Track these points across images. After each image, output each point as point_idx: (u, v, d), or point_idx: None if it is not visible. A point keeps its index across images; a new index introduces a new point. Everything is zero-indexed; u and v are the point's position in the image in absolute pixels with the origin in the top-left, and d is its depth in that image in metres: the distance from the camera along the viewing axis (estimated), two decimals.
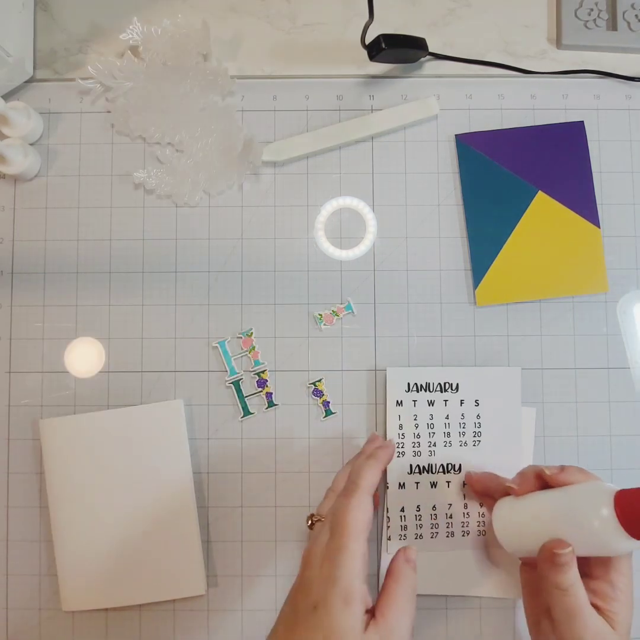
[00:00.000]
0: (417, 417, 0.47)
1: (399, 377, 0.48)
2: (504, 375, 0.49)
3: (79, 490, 0.48)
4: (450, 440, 0.48)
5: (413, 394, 0.48)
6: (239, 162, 0.52)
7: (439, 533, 0.47)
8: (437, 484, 0.47)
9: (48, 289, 0.52)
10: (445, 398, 0.48)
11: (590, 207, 0.51)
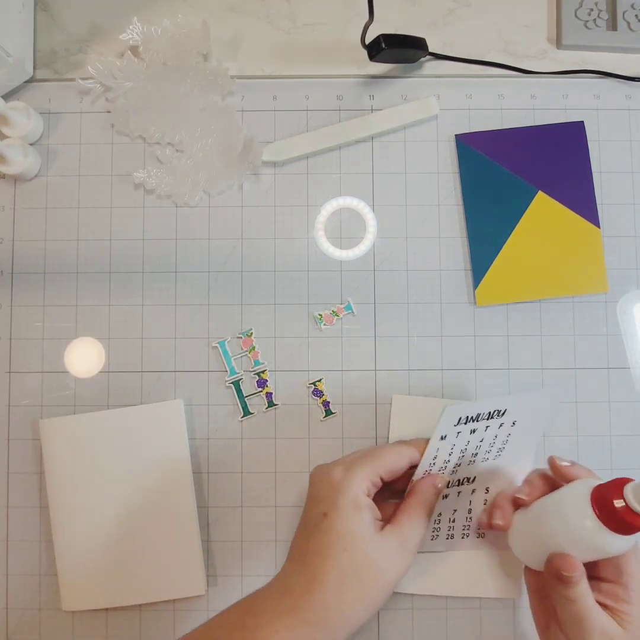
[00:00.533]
0: (454, 447, 0.43)
1: (455, 412, 0.41)
2: (542, 397, 0.46)
3: (79, 490, 0.48)
4: (475, 459, 0.45)
5: (460, 427, 0.42)
6: (239, 162, 0.52)
7: (439, 536, 0.46)
8: (448, 496, 0.45)
9: (48, 289, 0.52)
10: (489, 424, 0.43)
11: (590, 207, 0.51)
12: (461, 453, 0.44)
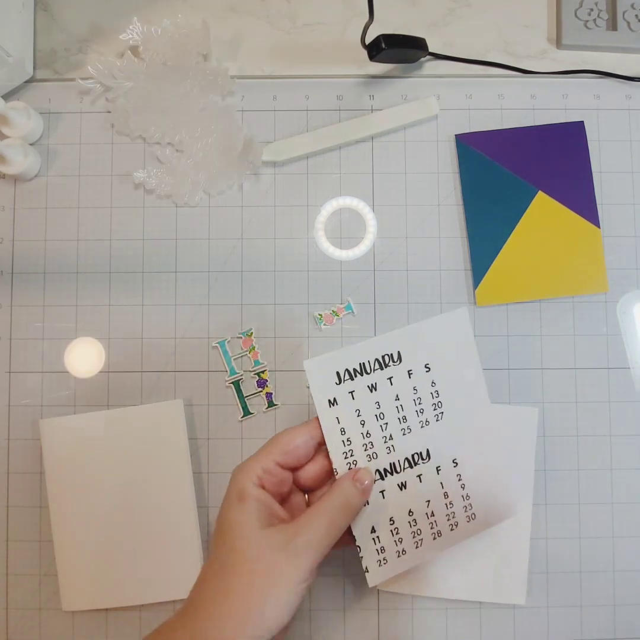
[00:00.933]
0: (360, 412, 0.37)
1: (322, 368, 0.37)
2: (450, 322, 0.40)
3: (79, 490, 0.48)
4: (409, 425, 0.39)
5: (347, 385, 0.37)
6: (239, 162, 0.52)
7: (423, 539, 0.40)
8: (406, 484, 0.39)
9: (48, 289, 0.52)
10: (389, 375, 0.38)
11: (590, 207, 0.51)
12: (379, 420, 0.38)
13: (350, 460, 0.38)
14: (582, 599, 0.49)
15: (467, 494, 0.41)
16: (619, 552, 0.49)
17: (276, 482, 0.37)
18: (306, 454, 0.38)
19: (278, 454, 0.36)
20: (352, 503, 0.36)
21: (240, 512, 0.35)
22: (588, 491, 0.50)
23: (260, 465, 0.36)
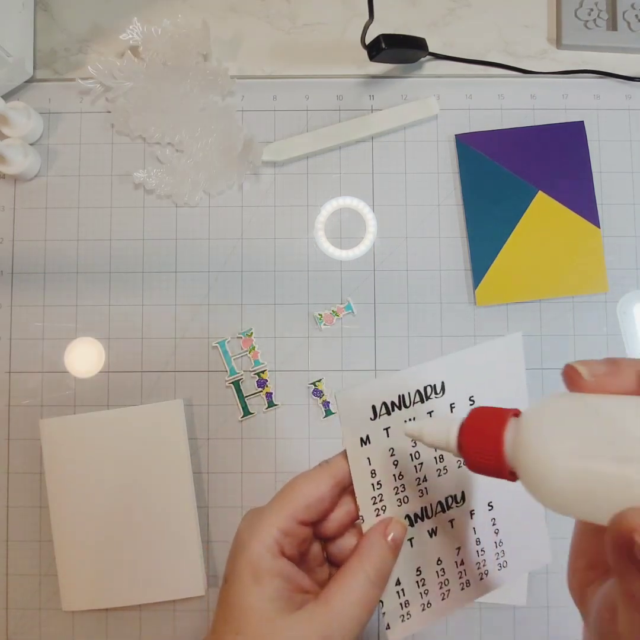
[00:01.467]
0: (394, 451, 0.32)
1: (357, 401, 0.32)
2: (501, 348, 0.34)
3: (79, 490, 0.48)
4: (445, 465, 0.34)
5: (384, 420, 0.32)
6: (239, 162, 0.52)
7: (450, 590, 0.35)
8: (437, 530, 0.34)
9: (48, 289, 0.52)
10: (429, 408, 0.33)
11: (590, 207, 0.51)
12: (414, 459, 0.33)
13: (379, 505, 0.32)
14: None
15: (501, 540, 0.36)
16: None
17: (297, 543, 0.30)
18: (331, 503, 0.31)
19: (300, 510, 0.29)
20: (387, 568, 0.30)
21: (258, 597, 0.28)
22: None
23: (277, 526, 0.29)
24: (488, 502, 0.35)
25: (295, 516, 0.29)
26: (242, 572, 0.28)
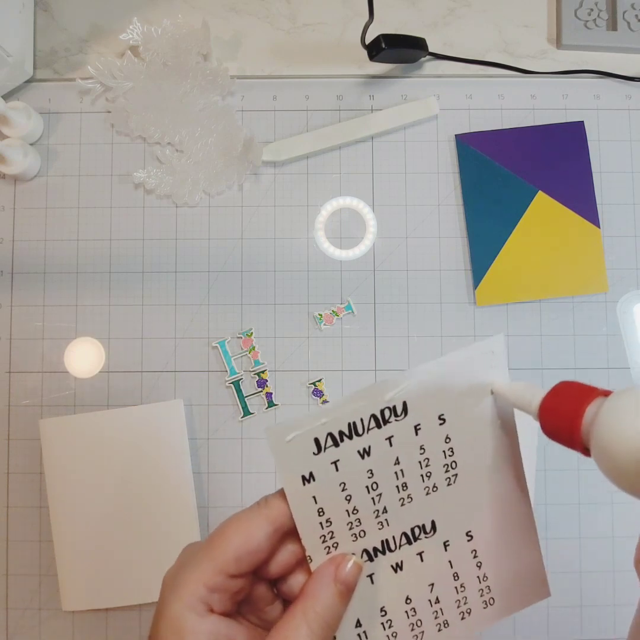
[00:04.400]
0: (346, 485, 0.28)
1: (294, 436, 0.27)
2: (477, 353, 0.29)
3: (79, 490, 0.48)
4: (409, 493, 0.29)
5: (330, 453, 0.27)
6: (239, 162, 0.52)
7: (425, 632, 0.31)
8: (402, 564, 0.30)
9: (48, 289, 0.52)
10: (388, 434, 0.28)
11: (590, 207, 0.51)
12: (371, 491, 0.29)
13: (330, 543, 0.28)
14: (582, 599, 0.49)
15: (485, 575, 0.32)
16: (619, 552, 0.49)
17: (230, 596, 0.26)
18: (269, 551, 0.27)
19: (229, 564, 0.25)
20: (335, 616, 0.26)
21: None
22: (588, 491, 0.50)
23: (203, 583, 0.25)
24: (466, 531, 0.31)
25: (225, 570, 0.25)
26: (164, 635, 0.25)
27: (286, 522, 0.27)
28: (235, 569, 0.25)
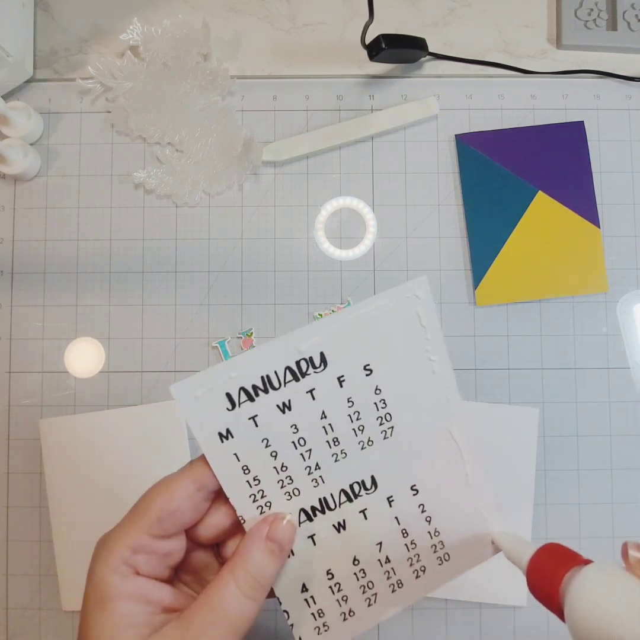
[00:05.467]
0: (269, 441, 0.28)
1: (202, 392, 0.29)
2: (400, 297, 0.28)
3: (79, 490, 0.48)
4: (342, 448, 0.29)
5: (246, 408, 0.27)
6: (239, 162, 0.52)
7: (378, 593, 0.30)
8: (345, 523, 0.29)
9: (48, 289, 0.52)
10: (309, 386, 0.28)
11: (590, 207, 0.51)
12: (298, 447, 0.28)
13: (262, 502, 0.28)
14: None
15: (436, 529, 0.31)
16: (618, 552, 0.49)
17: (158, 559, 0.26)
18: (194, 512, 0.27)
19: (151, 524, 0.25)
20: (266, 575, 0.26)
21: (104, 626, 0.24)
22: (588, 491, 0.50)
23: (126, 544, 0.25)
24: (410, 485, 0.29)
25: (148, 531, 0.25)
26: (87, 600, 0.25)
27: (209, 481, 0.27)
28: (158, 529, 0.25)
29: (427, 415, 0.29)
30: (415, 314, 0.28)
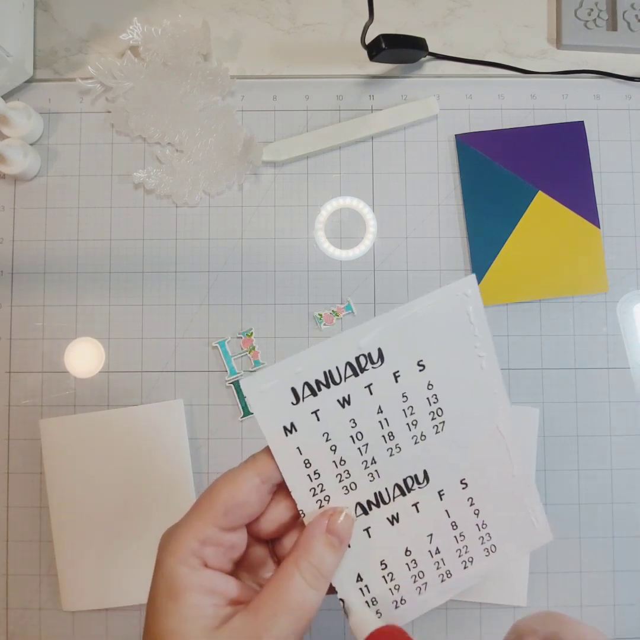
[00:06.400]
0: (329, 435, 0.29)
1: (270, 386, 0.28)
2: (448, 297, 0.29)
3: (79, 490, 0.48)
4: (397, 443, 0.30)
5: (309, 403, 0.28)
6: (239, 162, 0.52)
7: (428, 583, 0.31)
8: (398, 516, 0.30)
9: (48, 289, 0.52)
10: (367, 382, 0.29)
11: (590, 207, 0.51)
12: (356, 441, 0.29)
13: (321, 496, 0.29)
14: (582, 599, 0.49)
15: (484, 522, 0.32)
16: (619, 552, 0.49)
17: (224, 551, 0.27)
18: (259, 504, 0.27)
19: (218, 516, 0.26)
20: (327, 567, 0.27)
21: (176, 617, 0.24)
22: (588, 491, 0.50)
23: (194, 536, 0.26)
24: (460, 479, 0.30)
25: (215, 523, 0.26)
26: (157, 592, 0.25)
27: (273, 475, 0.27)
28: (225, 521, 0.26)
29: (476, 409, 0.30)
30: (465, 312, 0.29)
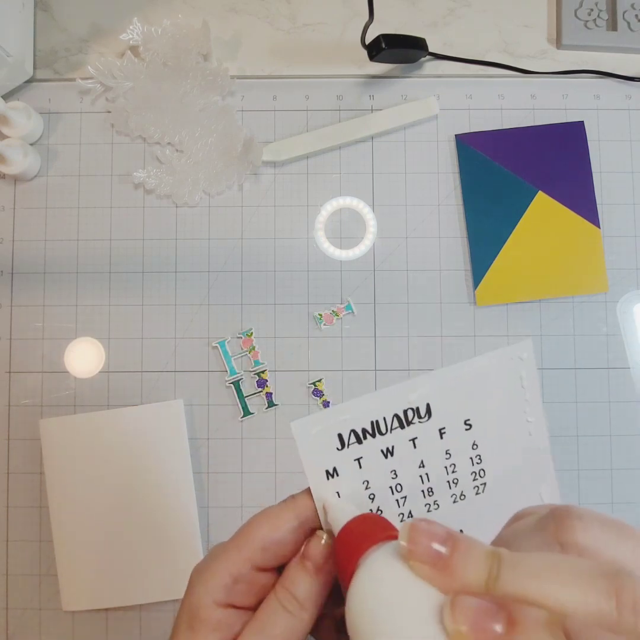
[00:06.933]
0: (369, 484, 0.28)
1: (318, 430, 0.28)
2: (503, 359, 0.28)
3: (79, 490, 0.48)
4: (436, 499, 0.29)
5: (353, 450, 0.28)
6: (239, 162, 0.52)
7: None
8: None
9: (48, 289, 0.52)
10: (412, 435, 0.28)
11: (590, 207, 0.51)
12: (395, 493, 0.28)
13: None
14: None
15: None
16: None
17: (252, 592, 0.26)
18: (295, 545, 0.26)
19: (255, 553, 0.25)
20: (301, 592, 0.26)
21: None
22: (588, 491, 0.50)
23: (229, 571, 0.25)
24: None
25: (250, 559, 0.25)
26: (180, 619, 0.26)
27: (311, 517, 0.27)
28: (261, 559, 0.25)
29: (519, 475, 0.29)
30: (518, 376, 0.29)
